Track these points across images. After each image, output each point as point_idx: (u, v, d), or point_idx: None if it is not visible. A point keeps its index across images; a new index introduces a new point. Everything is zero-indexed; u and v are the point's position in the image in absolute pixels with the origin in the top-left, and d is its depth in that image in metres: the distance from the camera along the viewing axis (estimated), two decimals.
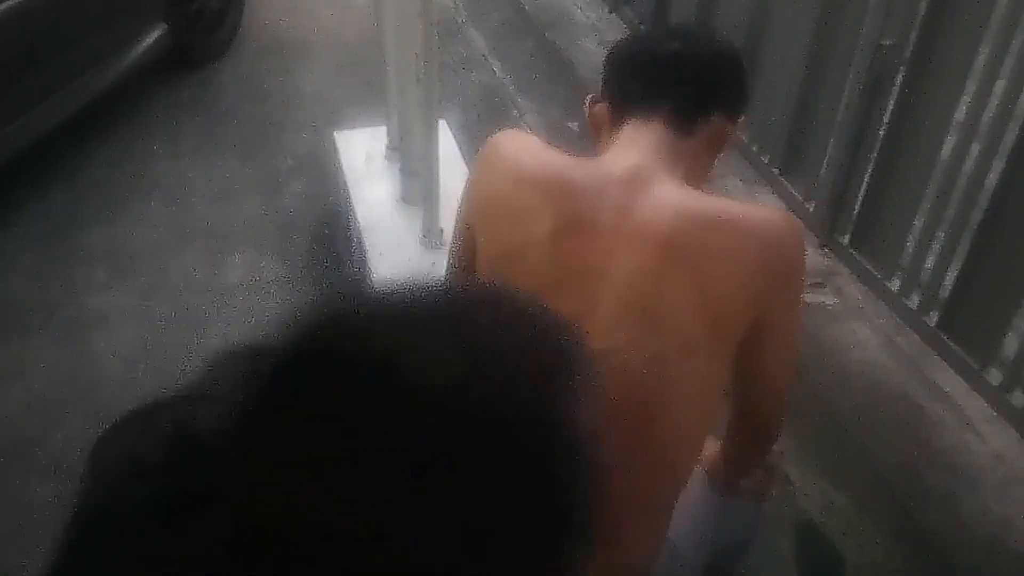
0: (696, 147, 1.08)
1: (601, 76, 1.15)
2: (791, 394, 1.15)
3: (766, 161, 2.34)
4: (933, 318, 1.91)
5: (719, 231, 0.99)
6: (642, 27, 3.02)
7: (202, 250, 2.71)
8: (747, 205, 1.08)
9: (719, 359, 1.03)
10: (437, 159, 2.14)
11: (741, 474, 1.30)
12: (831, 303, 2.08)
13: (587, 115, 1.16)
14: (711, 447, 1.29)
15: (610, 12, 3.34)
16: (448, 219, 1.74)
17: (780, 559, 1.75)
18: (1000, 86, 1.71)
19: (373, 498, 0.41)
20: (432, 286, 0.49)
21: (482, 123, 3.09)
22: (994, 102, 1.72)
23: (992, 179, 1.75)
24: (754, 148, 2.44)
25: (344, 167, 2.58)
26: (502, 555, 0.44)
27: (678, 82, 1.08)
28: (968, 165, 1.80)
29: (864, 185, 2.09)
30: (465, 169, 2.25)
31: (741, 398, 1.12)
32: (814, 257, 2.21)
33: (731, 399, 1.13)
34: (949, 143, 1.84)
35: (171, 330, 2.43)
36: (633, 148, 1.05)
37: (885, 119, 2.01)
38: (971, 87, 1.77)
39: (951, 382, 1.85)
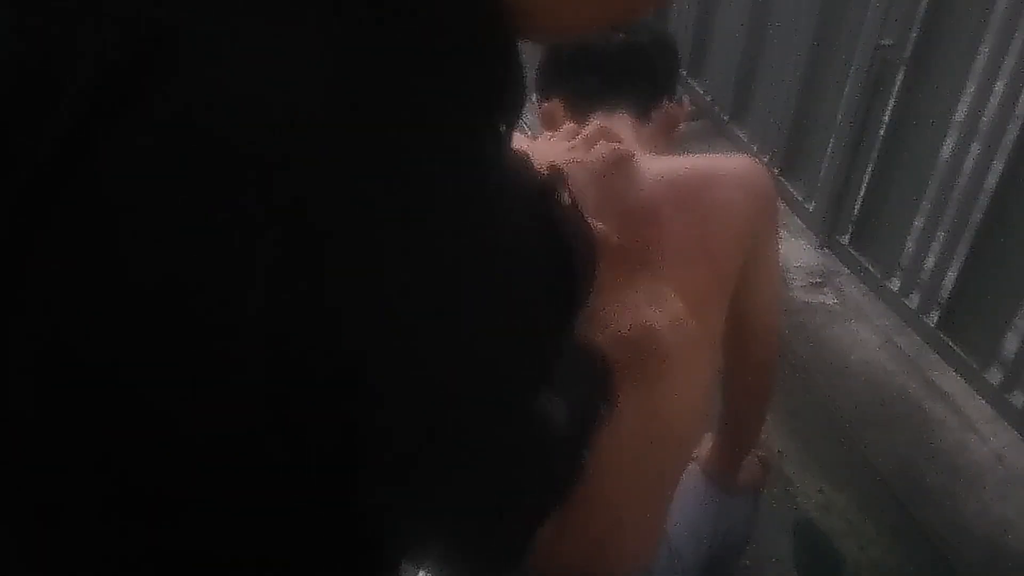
0: (654, 132, 1.13)
1: (541, 74, 1.17)
2: (791, 391, 1.16)
3: (766, 161, 2.34)
4: (933, 318, 1.90)
5: (708, 188, 1.03)
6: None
7: None
8: (715, 157, 1.12)
9: (721, 311, 1.05)
10: None
11: (739, 456, 1.31)
12: (831, 303, 2.08)
13: (540, 114, 1.18)
14: (706, 444, 1.30)
15: None
16: None
17: (780, 559, 1.75)
18: (1000, 86, 1.71)
19: None
20: None
21: None
22: (994, 102, 1.72)
23: (992, 179, 1.75)
24: (754, 148, 2.44)
25: None
26: None
27: (633, 71, 1.12)
28: (968, 165, 1.80)
29: (864, 185, 2.09)
30: None
31: (736, 347, 1.13)
32: (814, 257, 2.21)
33: (725, 358, 1.15)
34: (949, 143, 1.84)
35: None
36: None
37: (885, 119, 2.01)
38: (971, 87, 1.77)
39: (951, 382, 1.85)
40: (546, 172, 0.54)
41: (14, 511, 0.47)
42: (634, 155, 1.04)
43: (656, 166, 1.05)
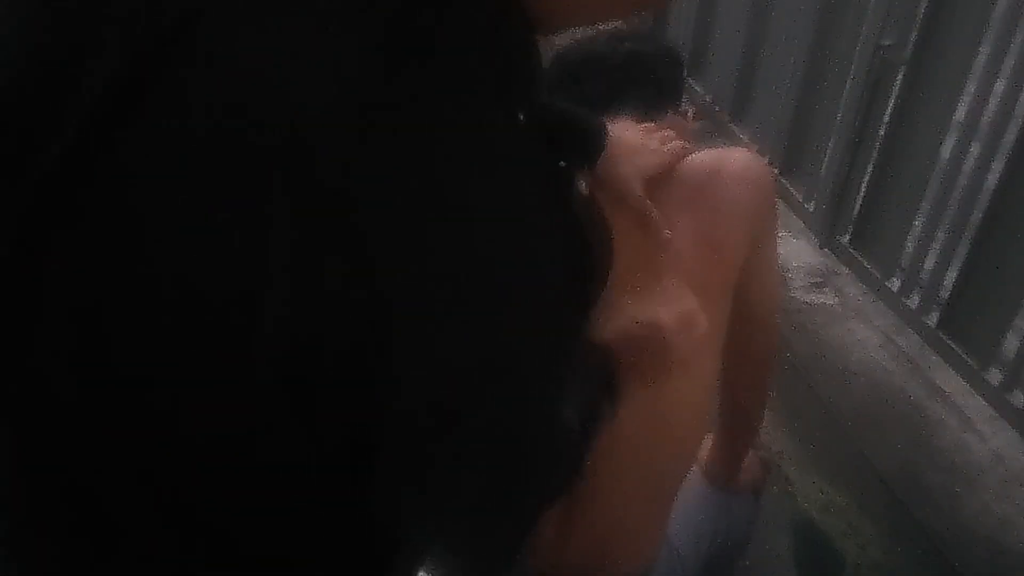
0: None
1: (548, 84, 1.18)
2: (791, 391, 1.16)
3: (766, 161, 2.34)
4: (933, 318, 1.90)
5: (713, 183, 1.04)
6: (647, 27, 3.03)
7: None
8: (717, 152, 1.12)
9: (727, 305, 1.06)
10: None
11: (739, 454, 1.31)
12: (831, 303, 2.08)
13: None
14: (706, 445, 1.31)
15: None
16: None
17: (780, 559, 1.75)
18: (1000, 86, 1.71)
19: None
20: None
21: None
22: (994, 102, 1.72)
23: (992, 179, 1.75)
24: (755, 148, 2.44)
25: None
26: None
27: (638, 81, 1.12)
28: (968, 165, 1.80)
29: (864, 185, 2.09)
30: None
31: (738, 337, 1.14)
32: (814, 257, 2.21)
33: (726, 351, 1.15)
34: (949, 143, 1.84)
35: None
36: None
37: (885, 119, 2.01)
38: (971, 87, 1.77)
39: (951, 382, 1.85)
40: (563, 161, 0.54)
41: (34, 509, 0.47)
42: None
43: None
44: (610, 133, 0.98)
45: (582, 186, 1.00)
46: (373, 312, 0.40)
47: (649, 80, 1.14)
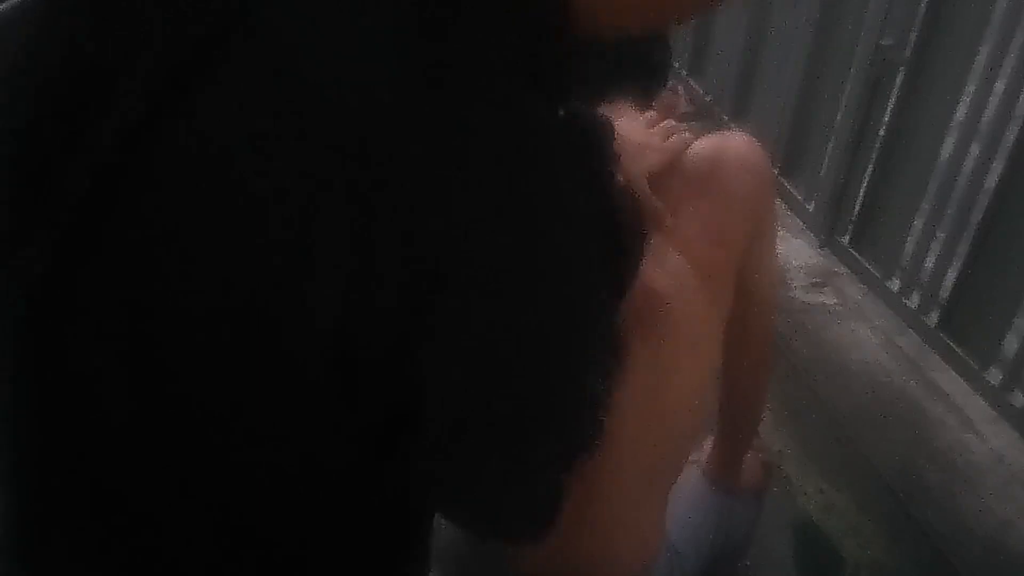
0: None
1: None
2: (791, 391, 1.16)
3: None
4: (933, 318, 1.90)
5: (716, 172, 1.06)
6: None
7: None
8: (715, 138, 1.12)
9: (731, 292, 1.06)
10: None
11: (740, 453, 1.31)
12: (831, 303, 2.08)
13: None
14: (706, 446, 1.31)
15: None
16: None
17: (780, 559, 1.75)
18: (1000, 86, 1.71)
19: None
20: None
21: None
22: (994, 102, 1.72)
23: (992, 179, 1.75)
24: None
25: None
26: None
27: (632, 64, 1.13)
28: (968, 165, 1.80)
29: (864, 185, 2.09)
30: None
31: (738, 324, 1.14)
32: (814, 257, 2.21)
33: (725, 339, 1.15)
34: (949, 143, 1.84)
35: None
36: None
37: (885, 119, 2.01)
38: (971, 87, 1.77)
39: (951, 382, 1.85)
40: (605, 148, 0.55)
41: (53, 512, 0.48)
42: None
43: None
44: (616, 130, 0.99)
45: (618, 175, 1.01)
46: (421, 300, 0.41)
47: (640, 62, 1.14)
